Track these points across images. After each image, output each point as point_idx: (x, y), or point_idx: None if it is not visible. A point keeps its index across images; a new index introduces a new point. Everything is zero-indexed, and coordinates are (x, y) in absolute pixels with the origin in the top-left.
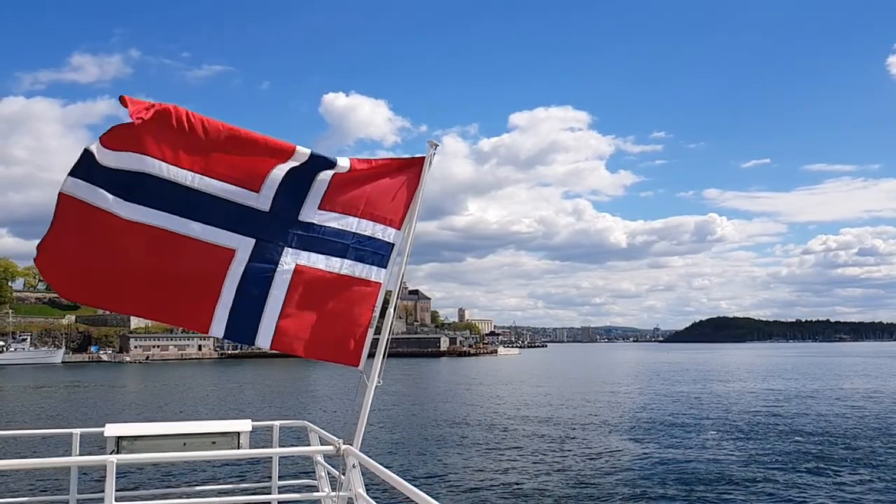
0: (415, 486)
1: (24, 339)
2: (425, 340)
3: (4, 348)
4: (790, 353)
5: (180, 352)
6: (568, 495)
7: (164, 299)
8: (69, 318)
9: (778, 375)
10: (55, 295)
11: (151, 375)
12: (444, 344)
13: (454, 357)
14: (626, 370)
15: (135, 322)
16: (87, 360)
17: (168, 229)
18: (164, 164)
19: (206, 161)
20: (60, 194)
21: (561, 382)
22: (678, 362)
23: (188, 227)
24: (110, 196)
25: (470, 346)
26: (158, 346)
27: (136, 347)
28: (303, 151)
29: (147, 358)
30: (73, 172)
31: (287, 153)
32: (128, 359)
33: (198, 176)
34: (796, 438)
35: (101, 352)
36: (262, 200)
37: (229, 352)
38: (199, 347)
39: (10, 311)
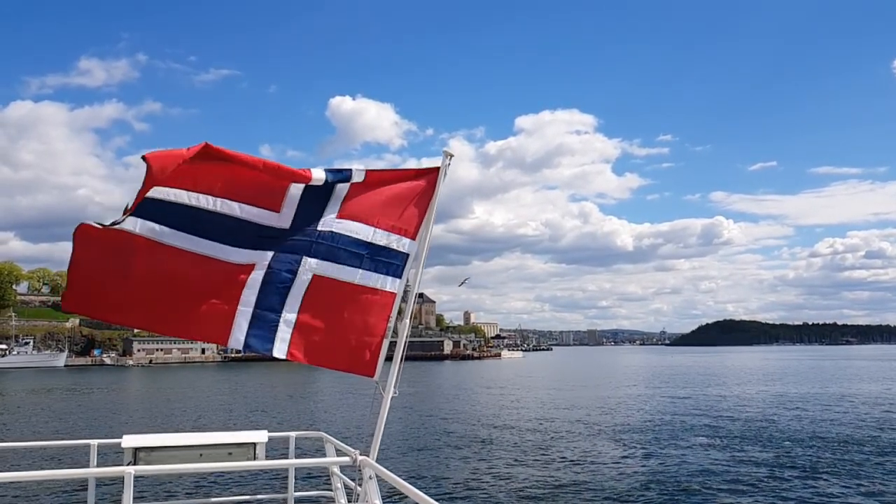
0: (432, 497)
1: (27, 343)
2: (428, 344)
3: (7, 352)
4: (795, 356)
5: (184, 355)
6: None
7: (183, 315)
8: (73, 322)
9: (777, 380)
10: (59, 298)
11: (155, 380)
12: (448, 347)
13: (457, 360)
14: (626, 374)
15: None
16: (90, 363)
17: (187, 249)
18: (183, 191)
19: (226, 184)
20: (78, 227)
21: (560, 386)
22: (680, 366)
23: (207, 246)
24: (130, 218)
25: (473, 349)
26: (162, 350)
27: (139, 351)
28: (319, 174)
29: (150, 361)
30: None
31: (305, 177)
32: (131, 362)
33: (219, 199)
34: (785, 443)
35: (105, 355)
36: (282, 219)
37: (233, 355)
38: (203, 351)
39: (14, 314)
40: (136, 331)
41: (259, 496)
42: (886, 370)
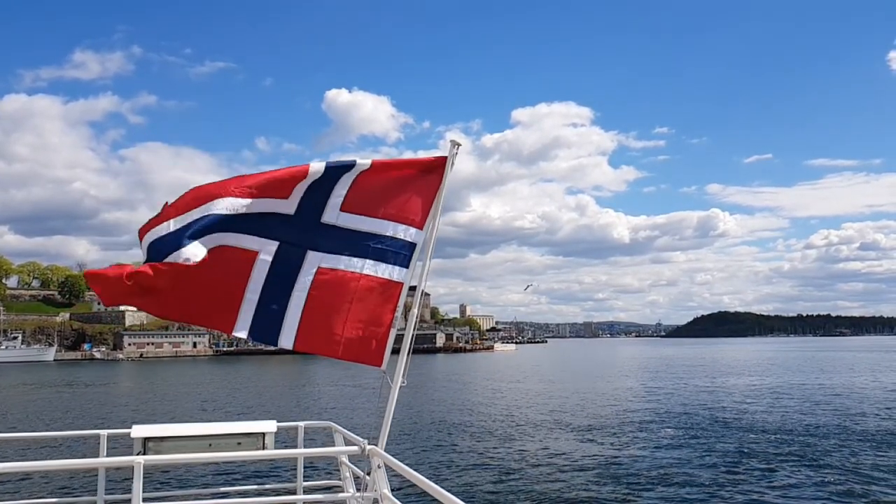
0: (440, 485)
1: (15, 337)
2: (421, 336)
3: None
4: (786, 347)
5: (175, 349)
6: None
7: (190, 301)
8: (63, 316)
9: (765, 371)
10: (49, 292)
11: (149, 374)
12: (441, 340)
13: (450, 353)
14: (617, 366)
15: (129, 319)
16: (80, 357)
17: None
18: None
19: (232, 188)
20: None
21: (545, 378)
22: (672, 357)
23: (214, 237)
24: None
25: (466, 342)
26: (153, 344)
27: (130, 345)
28: (317, 165)
29: (141, 355)
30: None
31: (303, 171)
32: (121, 356)
33: (228, 199)
34: (753, 435)
35: (95, 349)
36: (288, 205)
37: (224, 349)
38: (195, 345)
39: (2, 308)
40: (127, 325)
41: (268, 486)
42: (876, 361)
